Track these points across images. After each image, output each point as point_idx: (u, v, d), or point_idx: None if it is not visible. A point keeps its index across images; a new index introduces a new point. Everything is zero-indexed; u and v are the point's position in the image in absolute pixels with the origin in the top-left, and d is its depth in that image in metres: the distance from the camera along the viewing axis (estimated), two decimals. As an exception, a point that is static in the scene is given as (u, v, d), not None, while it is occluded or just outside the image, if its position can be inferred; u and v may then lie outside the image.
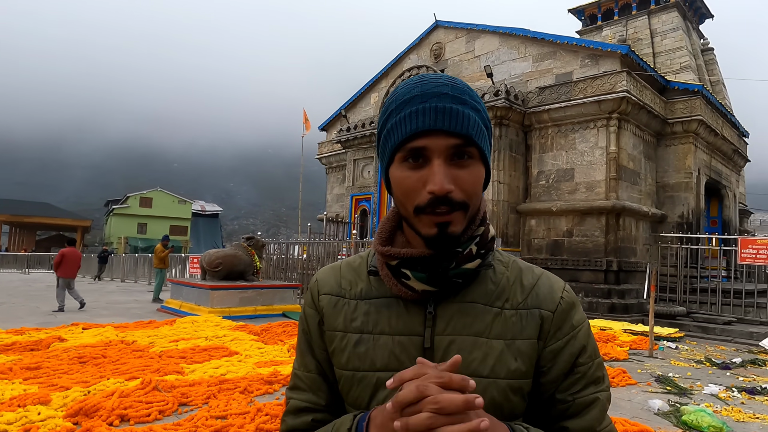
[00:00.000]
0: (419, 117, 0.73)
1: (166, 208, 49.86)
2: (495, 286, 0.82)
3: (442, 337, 0.79)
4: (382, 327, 0.81)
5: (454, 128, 0.73)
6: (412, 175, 0.75)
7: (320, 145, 20.11)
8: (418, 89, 0.76)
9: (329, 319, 0.85)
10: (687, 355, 7.53)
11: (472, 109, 0.76)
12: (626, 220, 11.59)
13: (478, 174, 0.76)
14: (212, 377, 4.90)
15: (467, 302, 0.80)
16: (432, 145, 0.73)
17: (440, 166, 0.73)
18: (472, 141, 0.74)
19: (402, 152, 0.75)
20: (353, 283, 0.87)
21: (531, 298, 0.82)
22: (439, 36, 15.57)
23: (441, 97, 0.74)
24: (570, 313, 0.83)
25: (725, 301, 10.27)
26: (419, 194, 0.74)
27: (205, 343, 6.59)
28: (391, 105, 0.78)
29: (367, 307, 0.83)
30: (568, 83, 12.13)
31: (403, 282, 0.79)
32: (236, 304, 9.90)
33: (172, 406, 4.00)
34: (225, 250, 11.02)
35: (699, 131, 12.78)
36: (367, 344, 0.81)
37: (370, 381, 0.79)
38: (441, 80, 0.77)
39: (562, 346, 0.80)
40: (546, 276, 0.87)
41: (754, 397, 5.20)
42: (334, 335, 0.84)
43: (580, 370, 0.81)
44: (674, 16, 16.93)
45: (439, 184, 0.71)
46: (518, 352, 0.78)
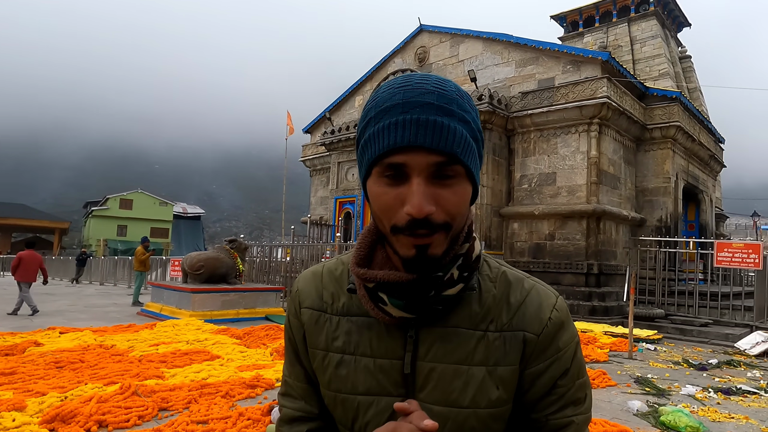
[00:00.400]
0: (398, 130, 0.66)
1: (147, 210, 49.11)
2: (480, 308, 0.77)
3: (424, 363, 0.75)
4: (363, 349, 0.77)
5: (436, 145, 0.65)
6: (389, 192, 0.68)
7: (304, 147, 20.04)
8: (400, 96, 0.68)
9: (311, 337, 0.82)
10: (665, 356, 7.67)
11: (459, 121, 0.68)
12: (607, 224, 11.77)
13: (462, 193, 0.69)
14: (193, 381, 4.83)
15: (450, 327, 0.75)
16: (411, 163, 0.66)
17: (419, 185, 0.66)
18: (457, 159, 0.67)
19: (379, 167, 0.69)
20: (335, 296, 0.82)
21: (516, 319, 0.77)
22: (424, 40, 15.66)
23: (424, 107, 0.66)
24: (556, 335, 0.77)
25: (702, 304, 10.48)
26: (397, 213, 0.67)
27: (186, 347, 6.50)
28: (370, 111, 0.71)
29: (349, 325, 0.79)
30: (550, 88, 12.30)
31: (380, 307, 0.74)
32: (218, 308, 9.79)
33: (152, 411, 3.94)
34: (207, 253, 10.90)
35: (677, 137, 13.05)
36: (348, 367, 0.78)
37: (352, 404, 0.77)
38: (426, 86, 0.68)
39: (543, 369, 0.76)
40: (536, 291, 0.80)
41: (729, 398, 5.31)
42: (315, 353, 0.82)
43: (558, 392, 0.77)
44: (653, 24, 17.29)
45: (417, 207, 0.65)
46: (500, 380, 0.74)
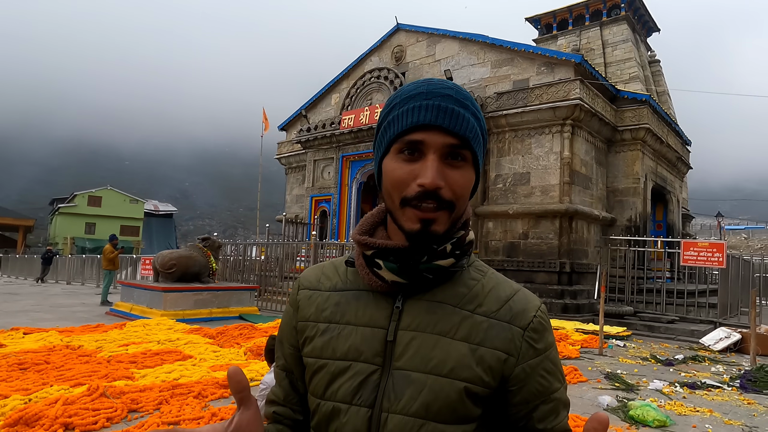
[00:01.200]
0: (421, 112, 0.75)
1: (117, 208, 47.90)
2: (467, 290, 0.81)
3: (406, 332, 0.78)
4: (349, 318, 0.82)
5: (453, 127, 0.75)
6: (404, 167, 0.76)
7: (280, 145, 19.85)
8: (424, 87, 0.78)
9: (302, 311, 0.87)
10: (634, 352, 7.86)
11: (472, 115, 0.78)
12: (579, 223, 12.01)
13: (468, 177, 0.78)
14: (164, 382, 4.73)
15: (436, 301, 0.80)
16: (429, 140, 0.75)
17: (434, 161, 0.74)
18: (468, 144, 0.76)
19: (399, 144, 0.77)
20: (330, 278, 0.89)
21: (504, 310, 0.80)
22: (401, 39, 15.68)
23: (445, 97, 0.76)
24: (543, 334, 0.81)
25: (669, 301, 10.80)
26: (408, 186, 0.75)
27: (157, 347, 6.37)
28: (395, 99, 0.80)
29: (339, 298, 0.85)
30: (524, 89, 12.47)
31: (375, 272, 0.80)
32: (191, 307, 9.62)
33: (121, 412, 3.84)
34: (179, 251, 10.69)
35: (646, 139, 13.40)
36: (332, 333, 0.81)
37: (329, 369, 0.79)
38: (447, 84, 0.79)
39: (535, 365, 0.79)
40: (522, 293, 0.84)
41: (694, 392, 5.48)
42: (305, 325, 0.86)
43: (554, 397, 0.80)
44: (624, 29, 17.71)
45: (431, 177, 0.73)
46: (481, 359, 0.76)
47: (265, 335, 7.49)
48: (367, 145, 14.73)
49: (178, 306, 9.43)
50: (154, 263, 10.33)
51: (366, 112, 14.52)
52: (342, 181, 15.48)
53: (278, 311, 11.27)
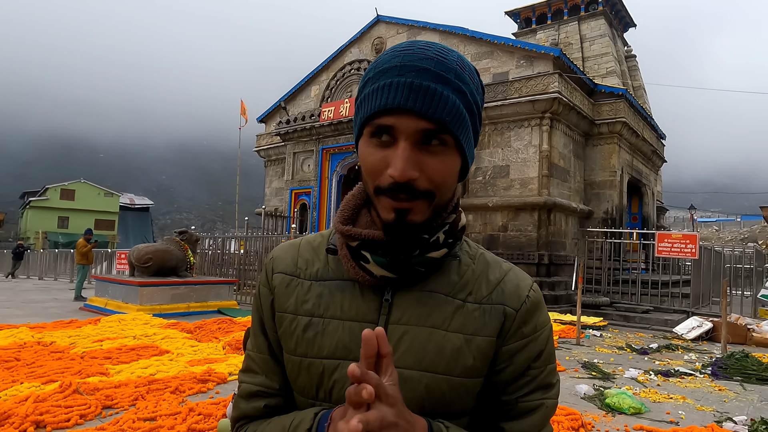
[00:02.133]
0: (390, 92, 0.67)
1: (91, 201, 46.83)
2: (459, 278, 0.77)
3: (397, 326, 0.73)
4: (334, 311, 0.75)
5: (426, 111, 0.66)
6: (376, 153, 0.69)
7: (259, 137, 19.60)
8: (399, 59, 0.68)
9: (280, 300, 0.80)
10: (610, 342, 8.01)
11: (454, 91, 0.68)
12: (557, 216, 12.16)
13: (449, 164, 0.70)
14: (140, 378, 4.64)
15: (427, 291, 0.75)
16: (399, 126, 0.67)
17: (405, 149, 0.66)
18: (447, 128, 0.67)
19: (370, 126, 0.69)
20: (310, 263, 0.81)
21: (496, 294, 0.77)
22: (381, 31, 15.59)
23: (420, 72, 0.67)
24: (534, 314, 0.78)
25: (644, 292, 11.03)
26: (381, 175, 0.68)
27: (132, 342, 6.24)
28: (369, 72, 0.72)
29: (321, 289, 0.78)
30: (504, 82, 12.52)
31: (362, 265, 0.74)
32: (168, 301, 9.46)
33: (95, 409, 3.75)
34: (156, 245, 10.50)
35: (623, 132, 13.61)
36: (316, 329, 0.75)
37: (317, 369, 0.74)
38: (428, 52, 0.69)
39: (521, 347, 0.76)
40: (514, 272, 0.81)
41: (668, 379, 5.61)
42: (283, 317, 0.79)
43: (531, 374, 0.76)
44: (602, 24, 17.92)
45: (400, 170, 0.65)
46: (477, 349, 0.73)
47: (244, 329, 7.41)
48: (348, 137, 14.64)
49: (154, 300, 9.27)
50: (129, 257, 10.13)
51: (346, 104, 14.42)
52: (322, 174, 15.38)
53: (258, 305, 11.14)
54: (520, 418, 0.75)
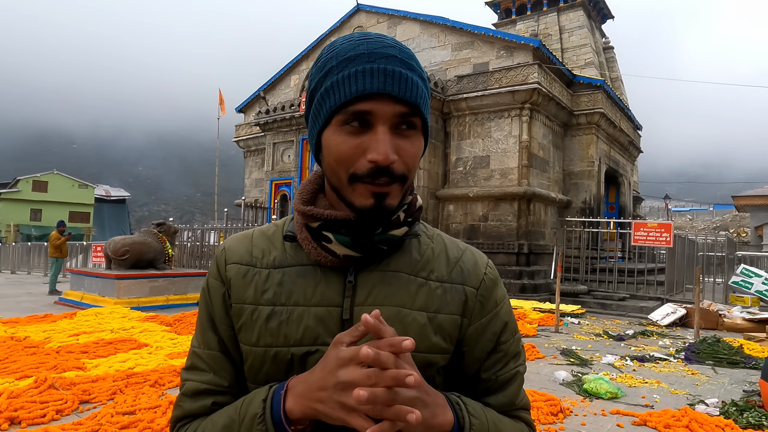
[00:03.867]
0: (366, 78, 0.67)
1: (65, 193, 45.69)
2: (420, 256, 0.79)
3: (363, 308, 0.73)
4: (297, 298, 0.74)
5: (403, 95, 0.67)
6: (350, 141, 0.68)
7: (237, 127, 19.33)
8: (364, 47, 0.69)
9: (237, 292, 0.77)
10: (588, 329, 8.17)
11: (418, 77, 0.71)
12: (536, 206, 12.29)
13: (419, 146, 0.72)
14: (119, 371, 4.57)
15: (390, 271, 0.76)
16: (378, 111, 0.67)
17: (386, 134, 0.67)
18: (419, 110, 0.70)
19: (342, 114, 0.68)
20: (266, 252, 0.79)
21: (455, 273, 0.80)
22: (361, 20, 15.45)
23: (389, 58, 0.68)
24: (493, 290, 0.82)
25: (621, 280, 11.25)
26: (357, 162, 0.68)
27: (110, 336, 6.14)
28: (330, 61, 0.70)
29: (281, 276, 0.76)
30: (484, 73, 12.55)
31: (324, 246, 0.74)
32: (146, 294, 9.32)
33: (71, 404, 3.68)
34: (133, 237, 10.31)
35: (600, 123, 13.79)
36: (280, 318, 0.73)
37: (284, 357, 0.72)
38: (387, 41, 0.71)
39: (486, 323, 0.79)
40: (470, 251, 0.85)
41: (643, 365, 5.75)
42: (242, 309, 0.76)
43: (502, 348, 0.80)
44: (580, 15, 18.04)
45: (384, 153, 0.66)
46: (439, 327, 0.75)
47: (224, 321, 7.35)
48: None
49: (132, 293, 9.12)
50: (105, 250, 9.93)
51: (326, 95, 14.31)
52: (303, 164, 15.25)
53: (238, 297, 11.06)
54: (502, 390, 0.80)
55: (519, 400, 0.81)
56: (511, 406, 0.80)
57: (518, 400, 0.81)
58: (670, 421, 3.69)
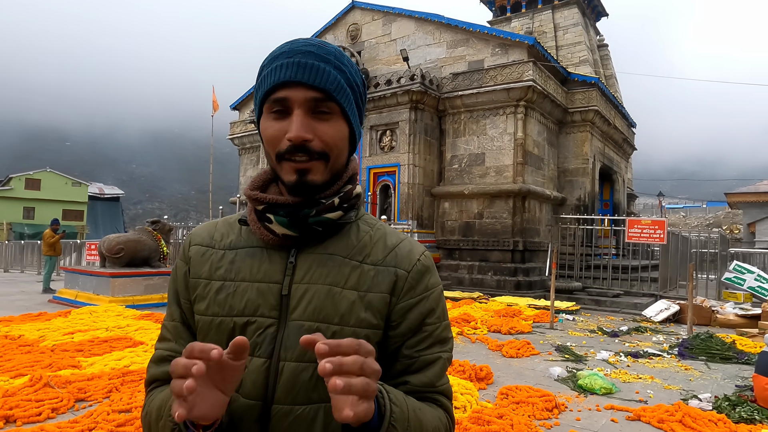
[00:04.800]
0: (283, 69, 0.78)
1: (58, 191, 45.37)
2: (357, 242, 0.86)
3: (299, 285, 0.81)
4: (244, 275, 0.83)
5: (313, 81, 0.77)
6: (275, 125, 0.79)
7: (232, 125, 19.26)
8: (287, 46, 0.81)
9: (195, 267, 0.87)
10: (582, 325, 8.22)
11: (335, 68, 0.80)
12: (531, 203, 12.33)
13: (339, 128, 0.81)
14: (114, 369, 4.56)
15: (327, 254, 0.84)
16: (293, 96, 0.78)
17: (299, 116, 0.77)
18: (332, 96, 0.79)
19: (268, 103, 0.80)
20: (225, 235, 0.90)
21: (390, 257, 0.86)
22: (356, 17, 15.42)
23: (305, 54, 0.79)
24: (425, 275, 0.87)
25: (615, 276, 11.32)
26: (280, 142, 0.79)
27: (105, 334, 6.12)
28: (264, 61, 0.83)
29: (233, 255, 0.86)
30: (479, 70, 12.57)
31: (267, 226, 0.83)
32: (141, 292, 9.29)
33: (67, 402, 3.68)
34: (127, 235, 10.26)
35: (595, 121, 13.84)
36: (227, 291, 0.83)
37: (228, 326, 0.81)
38: (311, 42, 0.82)
39: (414, 304, 0.84)
40: (408, 241, 0.91)
41: (637, 360, 5.79)
42: (198, 282, 0.86)
43: (427, 329, 0.85)
44: (575, 13, 18.08)
45: (296, 131, 0.76)
46: (369, 304, 0.81)
47: (220, 319, 7.34)
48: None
49: (127, 292, 9.09)
50: (100, 248, 9.88)
51: (321, 92, 14.28)
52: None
53: (234, 295, 11.04)
54: (422, 370, 0.84)
55: (440, 384, 0.85)
56: (430, 386, 0.84)
57: (439, 384, 0.85)
58: (663, 416, 3.72)
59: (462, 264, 12.27)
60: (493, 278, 11.48)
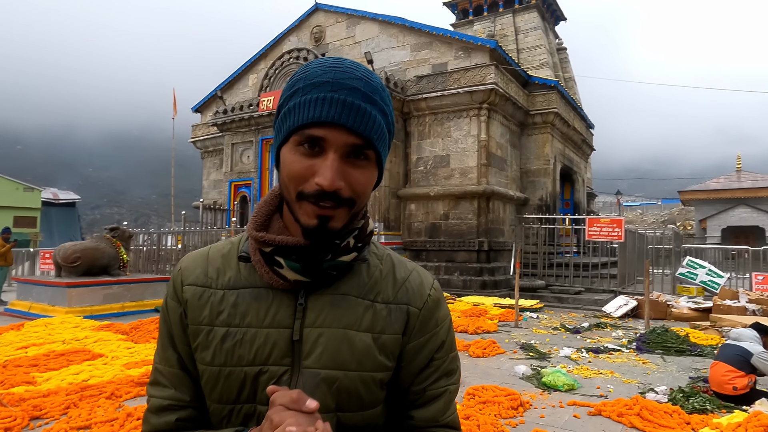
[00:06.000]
0: (324, 106, 0.70)
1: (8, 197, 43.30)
2: (368, 279, 0.82)
3: (312, 329, 0.77)
4: (250, 320, 0.78)
5: (357, 127, 0.71)
6: (303, 161, 0.72)
7: (194, 127, 18.85)
8: (331, 75, 0.72)
9: (193, 313, 0.80)
10: (546, 323, 8.42)
11: (379, 112, 0.74)
12: (495, 204, 12.56)
13: (370, 176, 0.76)
14: (72, 384, 4.39)
15: (339, 294, 0.79)
16: (331, 138, 0.71)
17: (335, 161, 0.71)
18: (372, 144, 0.73)
19: (298, 135, 0.72)
20: (221, 272, 0.82)
21: (401, 293, 0.83)
22: (320, 19, 15.36)
23: (352, 90, 0.71)
24: (435, 311, 0.85)
25: (576, 274, 11.66)
26: (306, 182, 0.71)
27: (62, 348, 5.89)
28: (298, 82, 0.74)
29: (235, 297, 0.79)
30: (443, 73, 12.72)
31: (276, 270, 0.77)
32: (100, 302, 8.98)
33: (21, 421, 3.52)
34: (84, 243, 9.91)
35: (555, 122, 14.21)
36: (234, 339, 0.77)
37: (238, 376, 0.76)
38: (357, 72, 0.74)
39: (424, 342, 0.83)
40: (416, 272, 0.88)
41: (598, 356, 5.99)
42: (199, 330, 0.79)
43: (435, 364, 0.84)
44: (534, 16, 18.52)
45: (330, 179, 0.69)
46: (383, 346, 0.79)
47: (184, 327, 7.16)
48: (288, 127, 14.40)
49: (84, 302, 8.77)
50: (55, 257, 9.50)
51: (286, 94, 14.16)
52: (263, 165, 15.04)
53: (198, 302, 10.80)
54: (427, 405, 0.83)
55: (444, 417, 0.84)
56: (433, 421, 0.83)
57: (443, 417, 0.83)
58: (622, 410, 3.86)
59: (429, 265, 12.38)
60: (459, 278, 11.62)
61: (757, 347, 4.24)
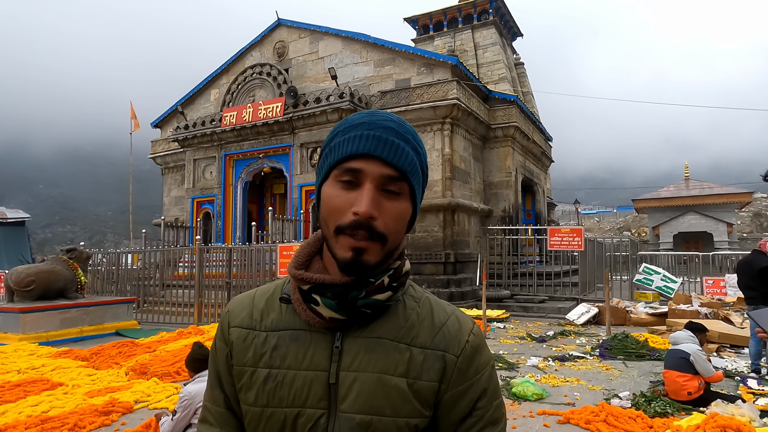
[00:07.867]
0: (361, 141, 0.77)
1: (-48, 217, 40.93)
2: (404, 322, 0.82)
3: (348, 373, 0.78)
4: (290, 362, 0.80)
5: (391, 159, 0.76)
6: (341, 195, 0.77)
7: (154, 143, 18.40)
8: (368, 118, 0.80)
9: (238, 355, 0.84)
10: (512, 333, 8.60)
11: (412, 149, 0.79)
12: (460, 216, 12.78)
13: (404, 210, 0.79)
14: (31, 417, 4.20)
15: (375, 337, 0.80)
16: (367, 169, 0.76)
17: (370, 191, 0.75)
18: (406, 176, 0.78)
19: (338, 170, 0.78)
20: (265, 313, 0.86)
21: (438, 338, 0.82)
22: (282, 35, 15.36)
23: (386, 129, 0.78)
24: (474, 358, 0.83)
25: (540, 283, 11.96)
26: (344, 215, 0.76)
27: (17, 377, 5.61)
28: (339, 126, 0.81)
29: (276, 340, 0.83)
30: (407, 89, 12.92)
31: (312, 308, 0.80)
32: (56, 327, 8.60)
33: (-23, 459, 3.35)
34: (39, 266, 9.48)
35: (515, 136, 14.63)
36: (275, 380, 0.80)
37: (279, 417, 0.79)
38: (391, 117, 0.81)
39: (464, 391, 0.82)
40: (455, 316, 0.87)
41: (564, 364, 6.16)
42: (243, 371, 0.83)
43: (477, 414, 0.82)
44: (492, 32, 19.09)
45: (365, 206, 0.74)
46: (417, 393, 0.79)
47: (148, 350, 6.95)
48: (252, 143, 14.27)
49: (40, 327, 8.38)
50: (6, 281, 9.06)
51: (249, 109, 14.03)
52: (226, 181, 14.82)
53: (161, 323, 10.50)
54: None
55: None
56: None
57: None
58: (590, 417, 3.99)
59: (396, 278, 12.43)
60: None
61: (693, 346, 4.47)
